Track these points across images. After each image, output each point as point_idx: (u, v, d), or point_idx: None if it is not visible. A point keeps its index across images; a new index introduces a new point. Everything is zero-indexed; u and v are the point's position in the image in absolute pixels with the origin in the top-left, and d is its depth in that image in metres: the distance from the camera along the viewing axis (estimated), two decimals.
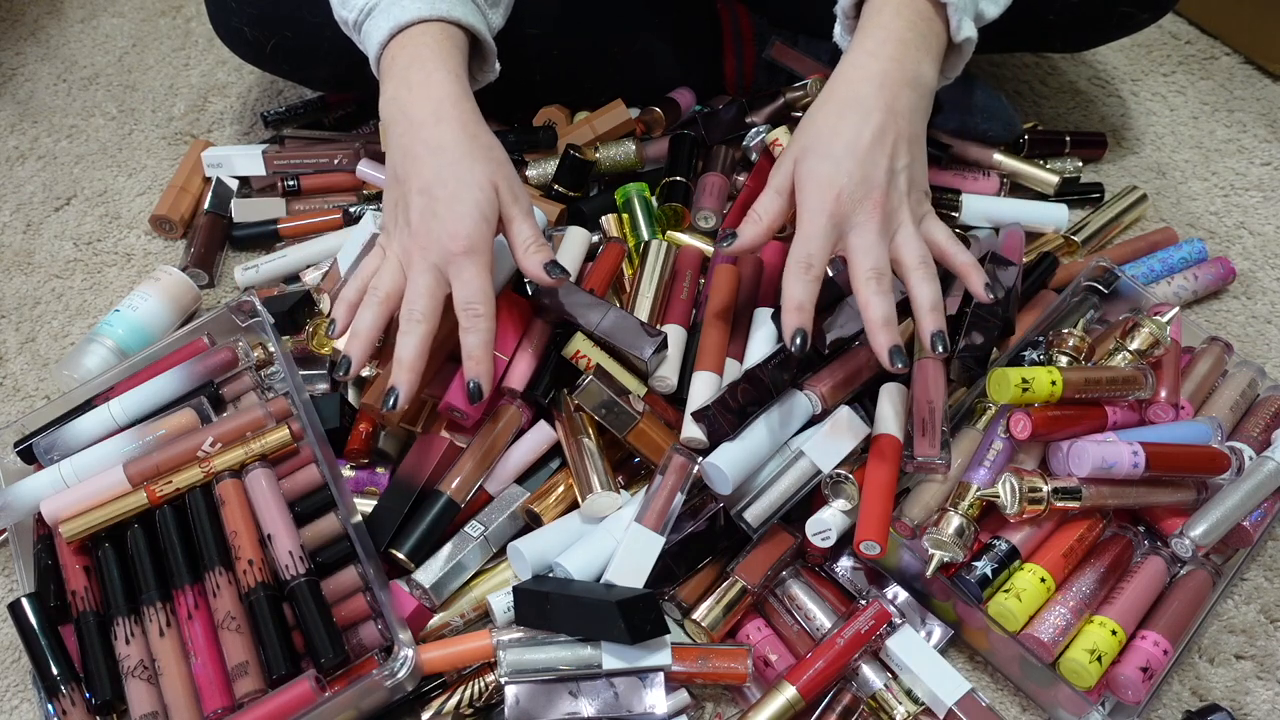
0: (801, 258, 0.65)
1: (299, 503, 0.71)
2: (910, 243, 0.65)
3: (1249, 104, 1.10)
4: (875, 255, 0.64)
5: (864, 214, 0.64)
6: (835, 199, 0.64)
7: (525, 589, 0.67)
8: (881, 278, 0.64)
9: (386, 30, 0.69)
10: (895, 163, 0.65)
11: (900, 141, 0.65)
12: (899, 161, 0.65)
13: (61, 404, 0.80)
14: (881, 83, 0.65)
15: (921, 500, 0.70)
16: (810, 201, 0.65)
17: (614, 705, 0.64)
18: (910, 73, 0.66)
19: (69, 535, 0.69)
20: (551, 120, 1.00)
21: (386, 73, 0.70)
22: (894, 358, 0.64)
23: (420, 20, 0.69)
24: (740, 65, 1.02)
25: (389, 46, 0.70)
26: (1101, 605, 0.68)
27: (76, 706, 0.65)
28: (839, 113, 0.66)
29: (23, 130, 1.12)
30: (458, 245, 0.65)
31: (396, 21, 0.69)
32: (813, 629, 0.70)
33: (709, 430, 0.69)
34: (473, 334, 0.65)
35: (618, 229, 0.90)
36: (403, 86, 0.69)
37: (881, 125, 0.65)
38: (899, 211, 0.66)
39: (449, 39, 0.70)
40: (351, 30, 0.74)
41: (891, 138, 0.65)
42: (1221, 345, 0.81)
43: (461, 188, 0.66)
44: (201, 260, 0.95)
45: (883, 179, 0.64)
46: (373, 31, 0.71)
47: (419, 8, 0.69)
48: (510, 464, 0.74)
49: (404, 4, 0.69)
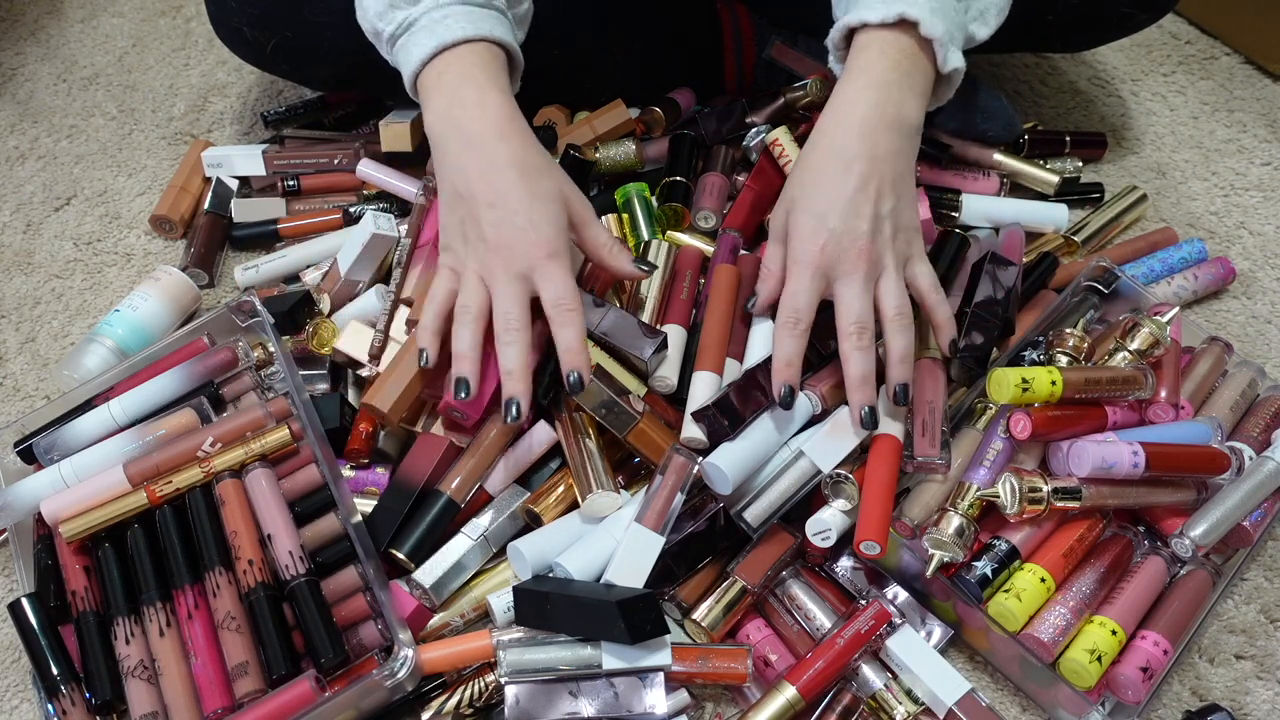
0: (789, 315, 0.68)
1: (299, 503, 0.72)
2: (890, 293, 0.68)
3: (1249, 104, 1.10)
4: (858, 310, 0.67)
5: (849, 264, 0.67)
6: (820, 251, 0.67)
7: (525, 589, 0.67)
8: (863, 333, 0.67)
9: (431, 48, 0.69)
10: (880, 208, 0.67)
11: (884, 186, 0.67)
12: (884, 206, 0.67)
13: (61, 404, 0.80)
14: (862, 131, 0.67)
15: (921, 500, 0.70)
16: (797, 255, 0.69)
17: (614, 705, 0.64)
18: (892, 115, 0.68)
19: (69, 535, 0.69)
20: (551, 120, 1.00)
21: (433, 89, 0.70)
22: (866, 418, 0.68)
23: (466, 40, 0.69)
24: (740, 65, 1.02)
25: (433, 64, 0.70)
26: (1101, 605, 0.68)
27: (76, 706, 0.65)
28: (821, 165, 0.69)
29: (23, 130, 1.12)
30: (542, 251, 0.67)
31: (441, 41, 0.69)
32: (813, 629, 0.70)
33: (709, 430, 0.69)
34: (568, 327, 0.67)
35: (618, 229, 0.90)
36: (455, 104, 0.69)
37: (864, 175, 0.67)
38: (883, 258, 0.68)
39: (494, 59, 0.71)
40: (384, 43, 0.74)
41: (875, 185, 0.67)
42: (1221, 345, 0.81)
43: (536, 200, 0.67)
44: (201, 260, 0.95)
45: (866, 228, 0.67)
46: (412, 48, 0.71)
47: (464, 27, 0.69)
48: (510, 464, 0.74)
49: (449, 23, 0.69)
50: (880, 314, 0.69)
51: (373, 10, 0.73)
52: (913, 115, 0.69)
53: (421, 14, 0.70)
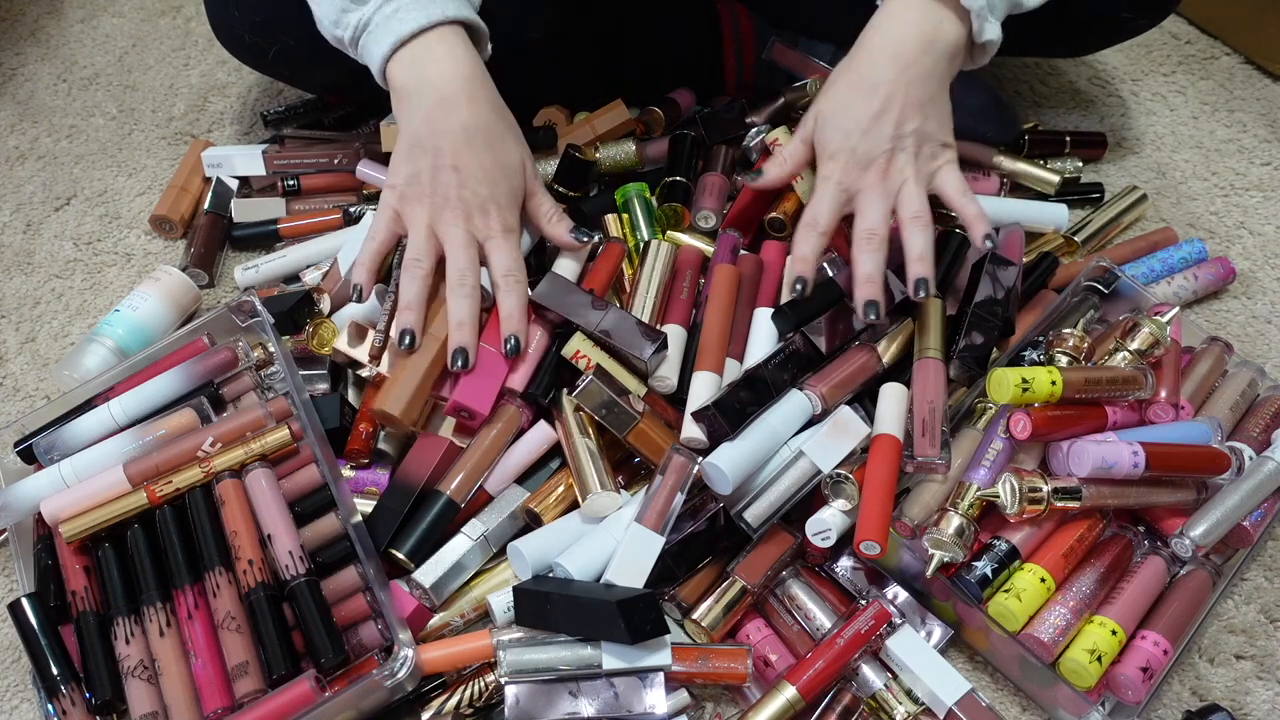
0: (809, 219, 0.72)
1: (299, 503, 0.71)
2: (909, 200, 0.71)
3: (1249, 104, 1.10)
4: (872, 217, 0.70)
5: (868, 180, 0.71)
6: (843, 168, 0.71)
7: (525, 589, 0.67)
8: (873, 237, 0.70)
9: (389, 45, 0.70)
10: (902, 129, 0.70)
11: (909, 107, 0.70)
12: (906, 127, 0.70)
13: (61, 404, 0.80)
14: (896, 51, 0.70)
15: (921, 500, 0.70)
16: (821, 169, 0.73)
17: (614, 705, 0.64)
18: (929, 34, 0.70)
19: (69, 535, 0.69)
20: (551, 120, 1.00)
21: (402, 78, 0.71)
22: (868, 309, 0.70)
23: (420, 30, 0.70)
24: (740, 65, 1.02)
25: (395, 58, 0.71)
26: (1101, 605, 0.68)
27: (76, 706, 0.65)
28: (852, 84, 0.72)
29: (23, 130, 1.12)
30: (499, 225, 0.72)
31: (398, 35, 0.70)
32: (813, 629, 0.70)
33: (709, 430, 0.69)
34: (514, 295, 0.72)
35: (618, 229, 0.90)
36: (426, 60, 0.70)
37: (888, 97, 0.70)
38: (902, 172, 0.71)
39: (455, 35, 0.71)
40: (347, 47, 0.74)
41: (898, 106, 0.70)
42: (1221, 345, 0.81)
43: (499, 172, 0.71)
44: (201, 260, 0.95)
45: (885, 147, 0.70)
46: (372, 47, 0.71)
47: (416, 17, 0.69)
48: (510, 464, 0.74)
49: (401, 16, 0.70)
50: (899, 221, 0.71)
51: (327, 19, 0.74)
52: (949, 35, 0.70)
53: (373, 12, 0.71)
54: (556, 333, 0.77)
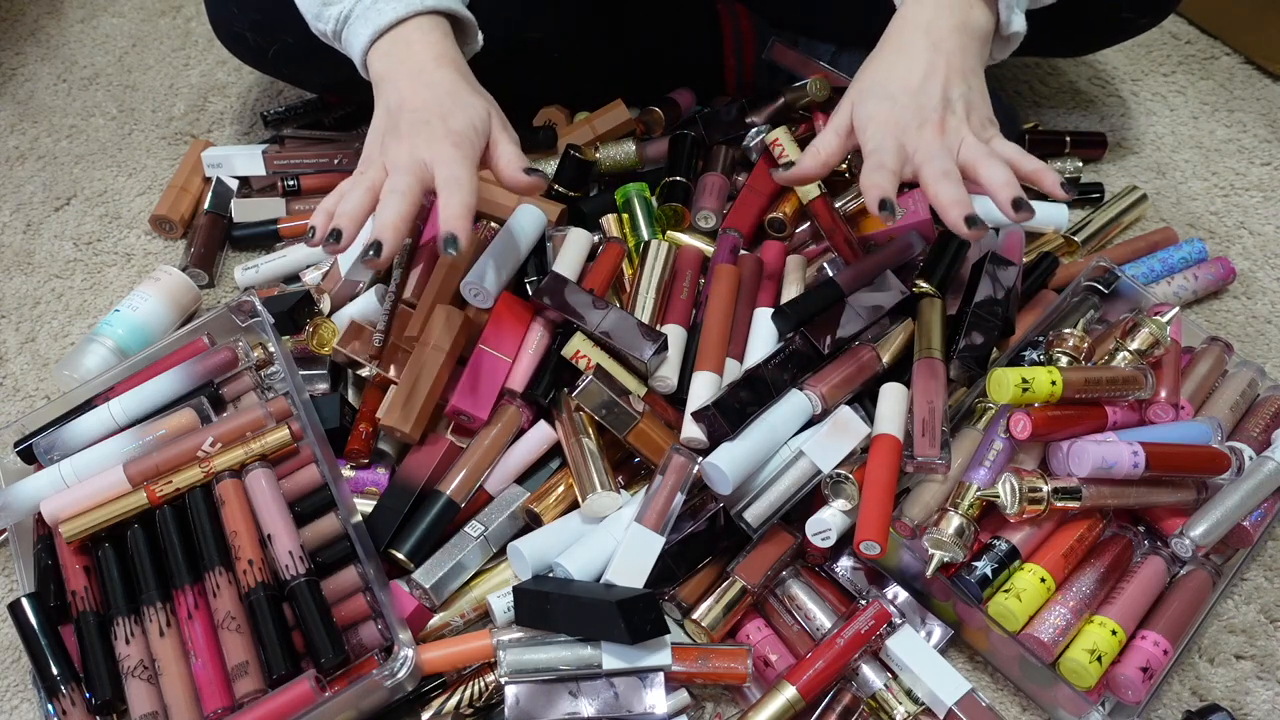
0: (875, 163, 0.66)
1: (299, 503, 0.71)
2: (974, 149, 0.67)
3: (1249, 104, 1.10)
4: (942, 160, 0.66)
5: (926, 139, 0.67)
6: (899, 132, 0.67)
7: (525, 589, 0.67)
8: (949, 175, 0.65)
9: (368, 36, 0.70)
10: (950, 92, 0.68)
11: (952, 74, 0.68)
12: (953, 91, 0.68)
13: (61, 404, 0.80)
14: (929, 28, 0.69)
15: (921, 500, 0.70)
16: (874, 138, 0.68)
17: (614, 705, 0.64)
18: (959, 19, 0.69)
19: (69, 535, 0.69)
20: (551, 120, 1.00)
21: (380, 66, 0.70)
22: (970, 223, 0.64)
23: (399, 20, 0.70)
24: (740, 65, 1.02)
25: (375, 49, 0.70)
26: (1101, 605, 0.68)
27: (76, 706, 0.65)
28: (890, 59, 0.70)
29: (23, 130, 1.12)
30: (448, 140, 0.66)
31: (376, 27, 0.69)
32: (813, 629, 0.70)
33: (709, 430, 0.69)
34: (456, 196, 0.65)
35: (618, 229, 0.90)
36: (403, 48, 0.69)
37: (930, 62, 0.68)
38: (959, 129, 0.67)
39: (435, 26, 0.71)
40: (332, 41, 0.74)
41: (942, 72, 0.68)
42: (1221, 345, 0.81)
43: (457, 108, 0.68)
44: (201, 260, 0.95)
45: (938, 105, 0.67)
46: (353, 39, 0.71)
47: (395, 8, 0.69)
48: (510, 464, 0.74)
49: (380, 7, 0.69)
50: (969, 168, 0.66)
51: (310, 13, 0.73)
52: (979, 20, 0.69)
53: (353, 4, 0.71)
54: (556, 333, 0.77)
